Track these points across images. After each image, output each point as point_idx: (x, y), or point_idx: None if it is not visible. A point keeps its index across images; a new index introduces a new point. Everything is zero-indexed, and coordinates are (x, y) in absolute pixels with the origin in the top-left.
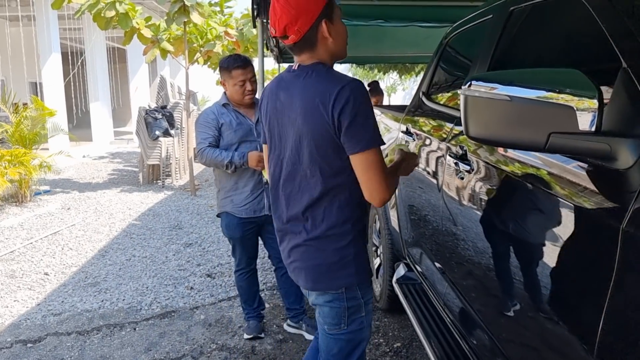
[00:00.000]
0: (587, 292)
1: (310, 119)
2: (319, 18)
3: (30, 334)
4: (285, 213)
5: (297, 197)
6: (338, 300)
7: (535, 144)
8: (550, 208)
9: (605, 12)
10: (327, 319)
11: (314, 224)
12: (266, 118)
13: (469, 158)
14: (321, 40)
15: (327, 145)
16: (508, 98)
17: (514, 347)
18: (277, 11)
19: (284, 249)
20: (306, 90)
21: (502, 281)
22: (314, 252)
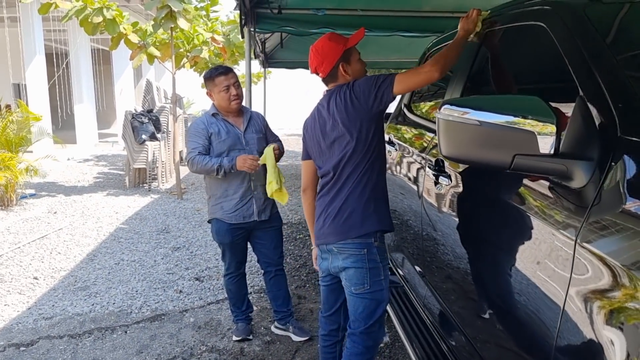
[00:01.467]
0: (548, 298)
1: (340, 115)
2: (338, 62)
3: (22, 338)
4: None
5: (341, 174)
6: (361, 260)
7: (501, 164)
8: (518, 219)
9: (566, 41)
10: (352, 280)
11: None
12: (312, 137)
13: (446, 170)
14: (341, 76)
15: (358, 119)
16: (478, 122)
17: (489, 347)
18: (312, 57)
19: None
20: (335, 100)
21: (476, 285)
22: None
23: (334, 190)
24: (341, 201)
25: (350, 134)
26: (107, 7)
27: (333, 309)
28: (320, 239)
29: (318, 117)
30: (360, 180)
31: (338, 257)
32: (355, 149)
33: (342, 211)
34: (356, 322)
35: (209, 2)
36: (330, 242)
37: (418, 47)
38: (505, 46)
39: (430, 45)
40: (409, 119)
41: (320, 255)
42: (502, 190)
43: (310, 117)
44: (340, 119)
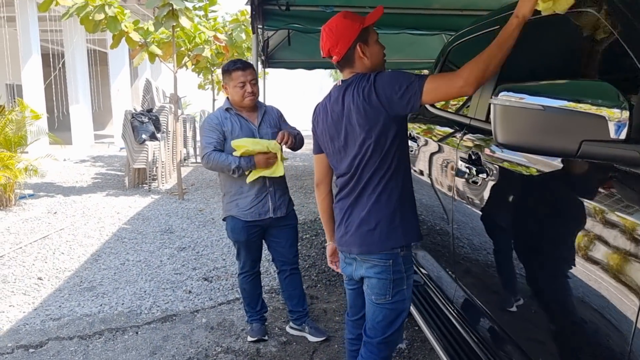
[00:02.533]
0: (617, 301)
1: (359, 111)
2: (355, 42)
3: (31, 339)
4: (352, 191)
5: (362, 176)
6: (385, 272)
7: (567, 151)
8: (574, 212)
9: (623, 25)
10: (374, 289)
11: (374, 192)
12: (323, 131)
13: (482, 163)
14: (358, 59)
15: (377, 121)
16: (541, 107)
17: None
18: (324, 37)
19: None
20: (351, 94)
21: (526, 287)
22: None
23: (354, 195)
24: (364, 209)
25: (367, 134)
26: (109, 4)
27: (361, 312)
28: (343, 246)
29: (330, 111)
30: (384, 187)
31: (362, 265)
32: (374, 151)
33: (365, 222)
34: (373, 330)
35: (208, 2)
36: (354, 252)
37: (419, 48)
38: (542, 35)
39: (452, 39)
40: (432, 113)
41: (343, 259)
42: (552, 181)
43: (321, 109)
44: (357, 116)
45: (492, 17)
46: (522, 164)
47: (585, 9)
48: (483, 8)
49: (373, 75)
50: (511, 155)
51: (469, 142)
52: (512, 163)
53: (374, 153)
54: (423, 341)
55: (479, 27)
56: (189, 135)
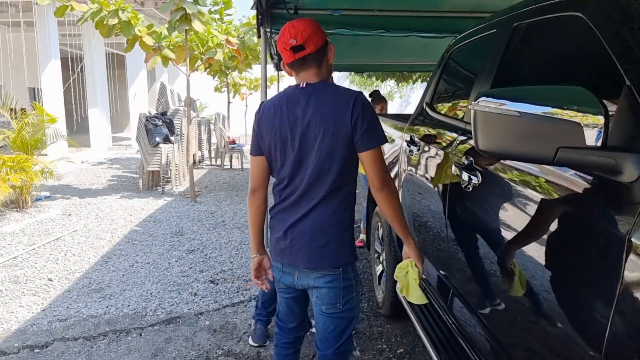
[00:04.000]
0: (594, 301)
1: (329, 123)
2: (327, 42)
3: (37, 340)
4: (316, 210)
5: (316, 190)
6: (336, 280)
7: (544, 157)
8: (556, 218)
9: (608, 30)
10: (325, 299)
11: (327, 212)
12: (275, 130)
13: (474, 168)
14: (326, 60)
15: (343, 144)
16: (518, 114)
17: (524, 351)
18: (300, 26)
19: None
20: (324, 102)
21: (512, 288)
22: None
23: (305, 208)
24: (316, 225)
25: (332, 149)
26: (123, 9)
27: (299, 319)
28: (284, 258)
29: (288, 113)
30: (339, 204)
31: (308, 275)
32: (336, 166)
33: (317, 238)
34: (325, 341)
35: (223, 5)
36: (300, 266)
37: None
38: (537, 40)
39: (452, 43)
40: (432, 118)
41: (280, 268)
42: (537, 187)
43: (272, 108)
44: (324, 129)
45: (490, 20)
46: (512, 169)
47: (573, 12)
48: (492, 10)
49: (357, 98)
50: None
51: (464, 147)
52: (501, 168)
53: (336, 169)
54: (424, 346)
55: (478, 31)
56: (203, 138)
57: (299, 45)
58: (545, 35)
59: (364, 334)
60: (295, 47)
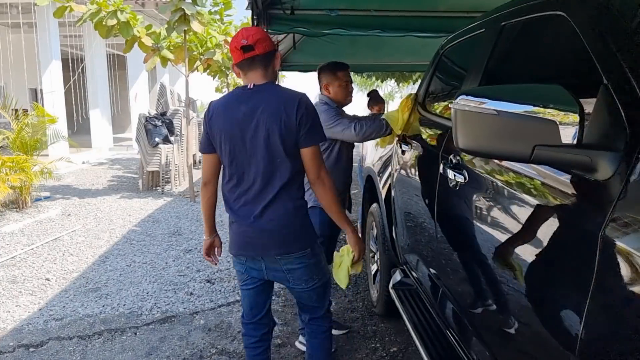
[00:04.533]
0: (570, 296)
1: (278, 121)
2: (275, 50)
3: (32, 339)
4: (261, 197)
5: (273, 182)
6: (307, 258)
7: (521, 155)
8: (537, 216)
9: (588, 30)
10: (303, 277)
11: (288, 200)
12: (226, 129)
13: (462, 167)
14: (272, 65)
15: (290, 140)
16: (495, 112)
17: (506, 349)
18: (252, 30)
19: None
20: (271, 101)
21: (493, 285)
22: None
23: (265, 200)
24: (280, 214)
25: (284, 145)
26: (122, 10)
27: (264, 311)
28: (250, 251)
29: (240, 112)
30: (296, 193)
31: (278, 262)
32: (290, 162)
33: (283, 226)
34: (313, 310)
35: (223, 6)
36: (271, 254)
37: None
38: (523, 38)
39: (444, 43)
40: (424, 117)
41: (243, 263)
42: (519, 185)
43: (222, 109)
44: (276, 127)
45: (480, 20)
46: (495, 166)
47: (556, 11)
48: (488, 9)
49: (301, 99)
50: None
51: (450, 146)
52: (487, 167)
53: (287, 162)
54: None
55: (469, 30)
56: None
57: (248, 46)
58: (530, 35)
59: (358, 333)
60: (245, 46)
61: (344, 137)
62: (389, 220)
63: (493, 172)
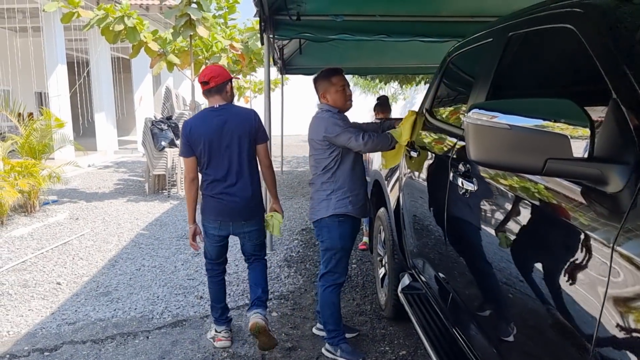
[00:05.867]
0: (582, 306)
1: (243, 129)
2: (228, 81)
3: (46, 343)
4: (241, 183)
5: (244, 172)
6: (259, 223)
7: (533, 168)
8: (548, 225)
9: (598, 43)
10: (254, 236)
11: (252, 184)
12: (205, 137)
13: (471, 175)
14: (226, 90)
15: (250, 140)
16: (508, 126)
17: (517, 355)
18: (207, 70)
19: (233, 202)
20: (236, 116)
21: (505, 293)
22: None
23: (235, 183)
24: (245, 193)
25: (249, 144)
26: (129, 15)
27: (224, 256)
28: (222, 216)
29: (214, 125)
30: (256, 179)
31: (242, 225)
32: (250, 152)
33: (248, 201)
34: (257, 255)
35: (227, 10)
36: (237, 220)
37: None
38: (530, 49)
39: (451, 50)
40: (431, 124)
41: (217, 226)
42: (530, 195)
43: (199, 123)
44: (242, 133)
45: (487, 29)
46: (506, 176)
47: (564, 24)
48: (492, 14)
49: (255, 113)
50: None
51: (460, 154)
52: (496, 175)
53: (250, 154)
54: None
55: (476, 39)
56: None
57: (204, 82)
58: (538, 46)
59: (367, 336)
60: (202, 82)
61: (349, 146)
62: (397, 225)
63: (503, 182)
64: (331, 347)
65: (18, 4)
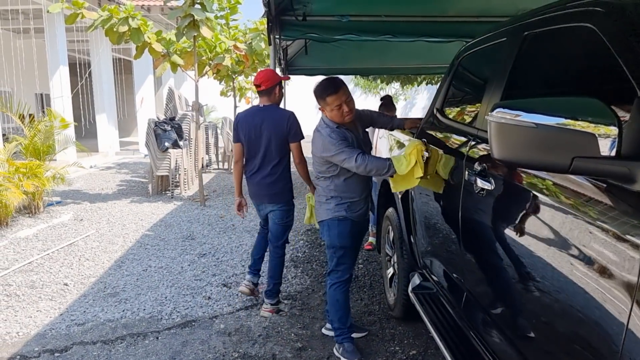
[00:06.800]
0: (609, 308)
1: (275, 129)
2: (276, 84)
3: (56, 344)
4: (264, 172)
5: (268, 164)
6: (284, 206)
7: (559, 166)
8: (571, 224)
9: (620, 42)
10: (277, 216)
11: (274, 175)
12: (246, 130)
13: (488, 174)
14: (274, 93)
15: (282, 137)
16: (534, 125)
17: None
18: (261, 74)
19: (259, 186)
20: (272, 117)
21: (522, 293)
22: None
23: (265, 172)
24: (271, 180)
25: (278, 140)
26: (133, 16)
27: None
28: (256, 198)
29: (254, 119)
30: (284, 168)
31: (267, 206)
32: (281, 151)
33: (272, 187)
34: (275, 238)
35: (229, 10)
36: (265, 201)
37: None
38: (547, 49)
39: (462, 50)
40: (442, 123)
41: (257, 205)
42: (551, 193)
43: (244, 117)
44: (274, 128)
45: (499, 28)
46: (526, 175)
47: (583, 23)
48: (498, 14)
49: (290, 116)
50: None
51: (476, 153)
52: (516, 174)
53: (278, 150)
54: (437, 348)
55: (488, 39)
56: (211, 142)
57: (257, 85)
58: (556, 45)
59: (377, 336)
60: (256, 85)
61: (343, 166)
62: (407, 225)
63: (523, 180)
64: (336, 344)
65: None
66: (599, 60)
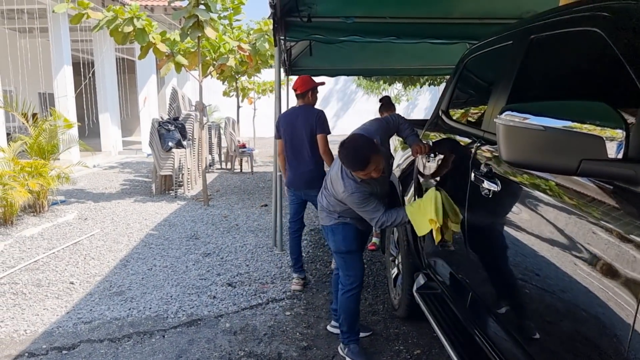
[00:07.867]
0: (615, 306)
1: (305, 124)
2: (310, 89)
3: (64, 341)
4: (300, 161)
5: (303, 154)
6: (316, 192)
7: (567, 168)
8: (578, 225)
9: (627, 46)
10: (314, 200)
11: (308, 164)
12: (286, 126)
13: (494, 175)
14: (307, 96)
15: (312, 133)
16: (542, 128)
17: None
18: (298, 80)
19: (295, 175)
20: (304, 114)
21: (528, 293)
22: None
23: (301, 163)
24: (306, 170)
25: (311, 132)
26: (138, 16)
27: (300, 216)
28: (293, 185)
29: (292, 117)
30: (317, 160)
31: (303, 192)
32: (313, 144)
33: (306, 176)
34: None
35: (232, 11)
36: (301, 188)
37: (441, 54)
38: (553, 52)
39: (467, 52)
40: (447, 125)
41: (293, 191)
42: (558, 195)
43: (285, 115)
44: (306, 124)
45: (505, 32)
46: (533, 176)
47: (590, 27)
48: (503, 17)
49: (318, 113)
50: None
51: (482, 155)
52: (522, 175)
53: (310, 142)
54: (441, 347)
55: (494, 42)
56: (214, 142)
57: (295, 89)
58: (562, 49)
59: (381, 336)
60: (294, 89)
61: (364, 217)
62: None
63: (530, 181)
64: (342, 344)
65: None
66: (606, 64)
